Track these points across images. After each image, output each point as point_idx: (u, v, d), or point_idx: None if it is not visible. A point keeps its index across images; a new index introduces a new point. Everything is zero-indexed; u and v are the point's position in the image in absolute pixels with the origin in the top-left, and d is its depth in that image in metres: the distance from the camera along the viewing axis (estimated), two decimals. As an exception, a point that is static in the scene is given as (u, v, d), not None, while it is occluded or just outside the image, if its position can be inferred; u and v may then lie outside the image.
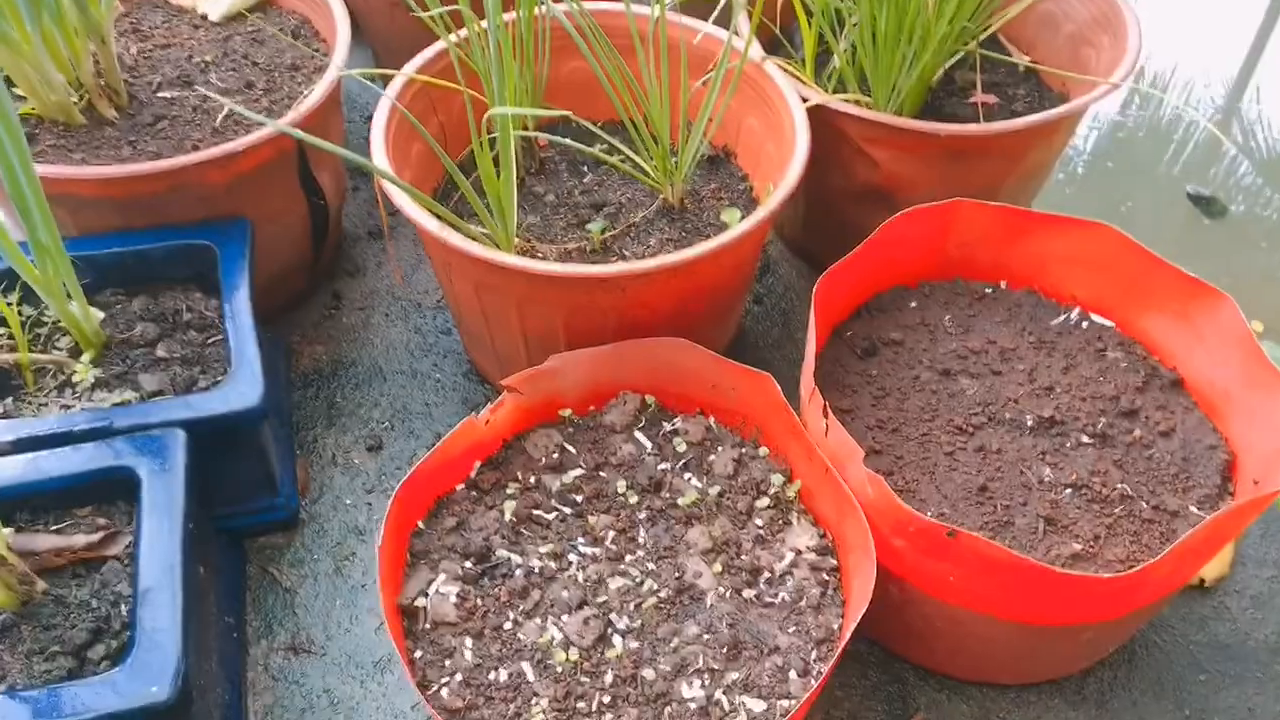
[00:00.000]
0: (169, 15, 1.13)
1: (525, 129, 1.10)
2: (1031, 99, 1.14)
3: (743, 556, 0.83)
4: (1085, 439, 0.88)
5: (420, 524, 0.84)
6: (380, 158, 0.93)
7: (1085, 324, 0.97)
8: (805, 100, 1.01)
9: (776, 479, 0.88)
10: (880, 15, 0.99)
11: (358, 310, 1.17)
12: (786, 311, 1.21)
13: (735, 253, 0.94)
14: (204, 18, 1.13)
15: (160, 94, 1.04)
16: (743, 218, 0.98)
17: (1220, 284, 0.91)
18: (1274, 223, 2.24)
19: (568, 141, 1.01)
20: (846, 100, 1.02)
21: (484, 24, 1.03)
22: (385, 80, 1.02)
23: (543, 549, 0.82)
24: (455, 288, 0.99)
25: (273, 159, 0.98)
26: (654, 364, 0.93)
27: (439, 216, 0.88)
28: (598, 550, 0.83)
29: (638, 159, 1.04)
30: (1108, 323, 0.97)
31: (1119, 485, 0.85)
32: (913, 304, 1.00)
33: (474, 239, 0.93)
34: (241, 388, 0.85)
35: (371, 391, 1.09)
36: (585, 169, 1.12)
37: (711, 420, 0.93)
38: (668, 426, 0.93)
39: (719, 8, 1.00)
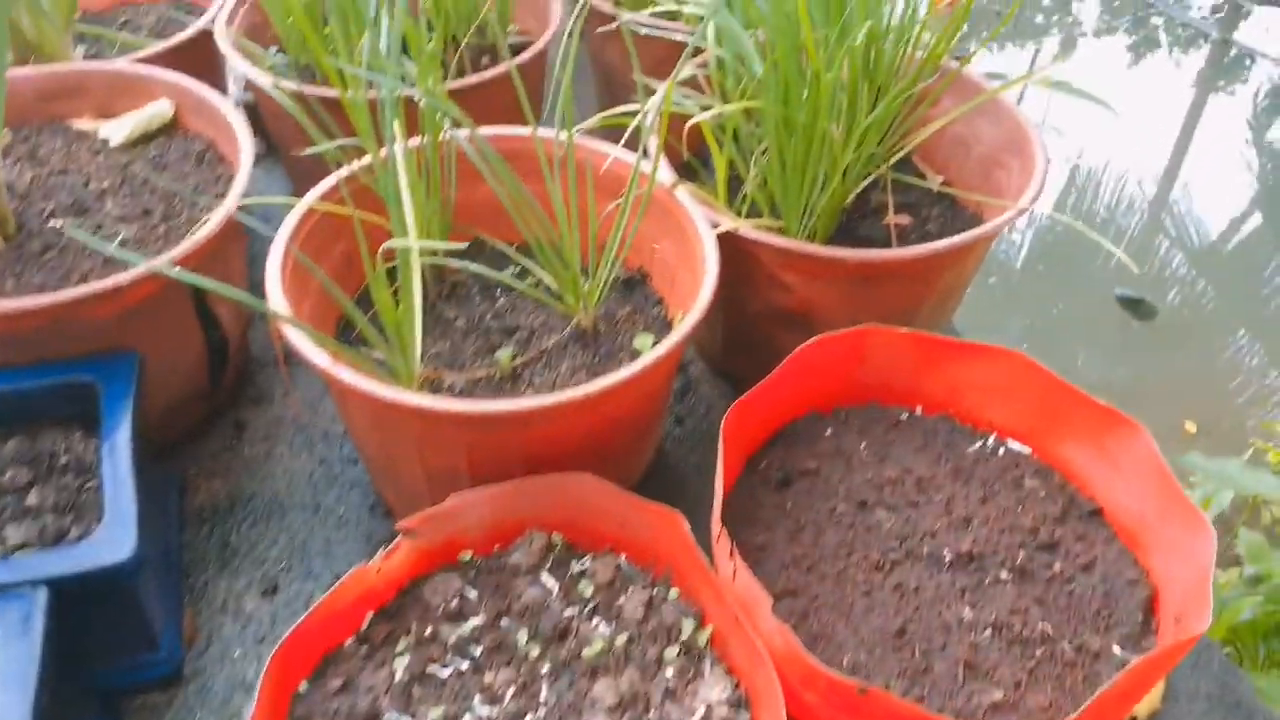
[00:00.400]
0: (68, 140, 1.10)
1: (435, 254, 1.07)
2: (944, 219, 1.14)
3: (651, 713, 0.78)
4: (1005, 574, 0.85)
5: (303, 685, 0.78)
6: (276, 297, 0.89)
7: (1002, 450, 0.96)
8: (715, 226, 1.00)
9: (688, 624, 0.83)
10: (787, 146, 0.99)
11: (261, 441, 1.12)
12: (708, 433, 1.18)
13: (646, 382, 0.91)
14: (105, 142, 1.10)
15: (51, 223, 1.00)
16: (655, 344, 0.96)
17: (1151, 387, 0.91)
18: (1203, 324, 2.26)
19: (474, 268, 0.99)
20: (757, 226, 1.01)
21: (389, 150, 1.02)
22: (291, 207, 1.00)
23: (435, 712, 0.77)
24: (354, 423, 0.95)
25: (163, 291, 0.94)
26: (561, 500, 0.89)
27: (333, 351, 0.85)
28: (495, 710, 0.78)
29: (551, 282, 1.02)
30: (1024, 449, 0.95)
31: (1040, 624, 0.82)
32: (828, 431, 0.98)
33: (371, 373, 0.89)
34: (112, 541, 0.80)
35: (270, 529, 1.04)
36: (498, 292, 1.09)
37: (622, 558, 0.89)
38: (576, 566, 0.88)
39: (628, 131, 1.00)
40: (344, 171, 0.99)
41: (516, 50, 1.32)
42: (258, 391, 1.17)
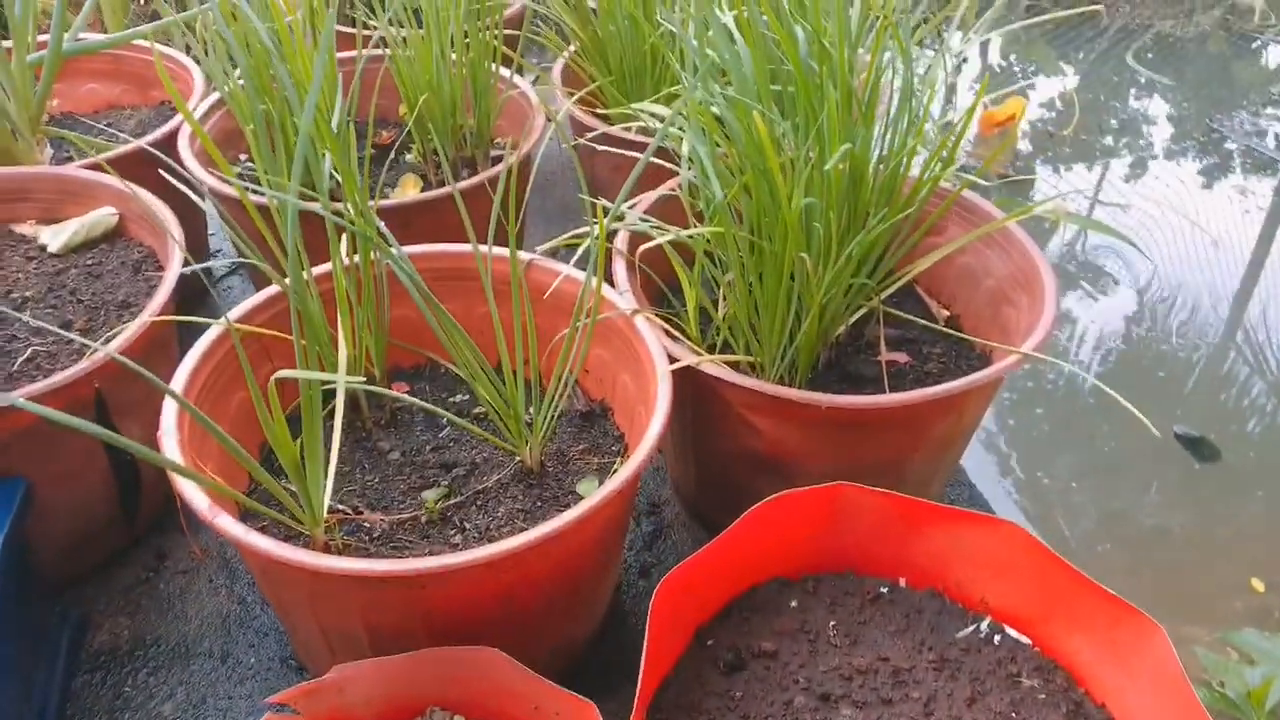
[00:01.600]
0: (4, 245, 1.05)
1: (370, 376, 0.98)
2: (947, 359, 1.01)
3: None
4: (989, 802, 0.70)
5: None
6: (172, 450, 0.79)
7: (998, 638, 0.81)
8: (674, 360, 0.89)
9: (596, 843, 0.69)
10: (757, 282, 0.89)
11: (180, 574, 1.02)
12: (676, 587, 1.04)
13: (576, 538, 0.79)
14: (43, 249, 1.05)
15: (-35, 332, 0.94)
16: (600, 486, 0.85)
17: (1214, 536, 0.76)
18: (1271, 468, 2.05)
19: (405, 398, 0.90)
20: (725, 362, 0.90)
21: (324, 268, 0.94)
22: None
23: None
24: (252, 573, 0.85)
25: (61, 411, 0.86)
26: (467, 676, 0.77)
27: (213, 492, 0.75)
28: None
29: (501, 413, 0.92)
30: (1024, 639, 0.80)
31: None
32: (793, 603, 0.84)
33: (268, 515, 0.79)
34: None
35: (169, 678, 0.93)
36: (444, 420, 0.99)
37: (537, 749, 0.76)
38: (481, 756, 0.76)
39: (578, 253, 0.90)
40: (267, 292, 0.91)
41: (499, 160, 1.26)
42: (190, 517, 1.08)
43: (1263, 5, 2.95)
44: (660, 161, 0.97)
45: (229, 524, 0.74)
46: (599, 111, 1.29)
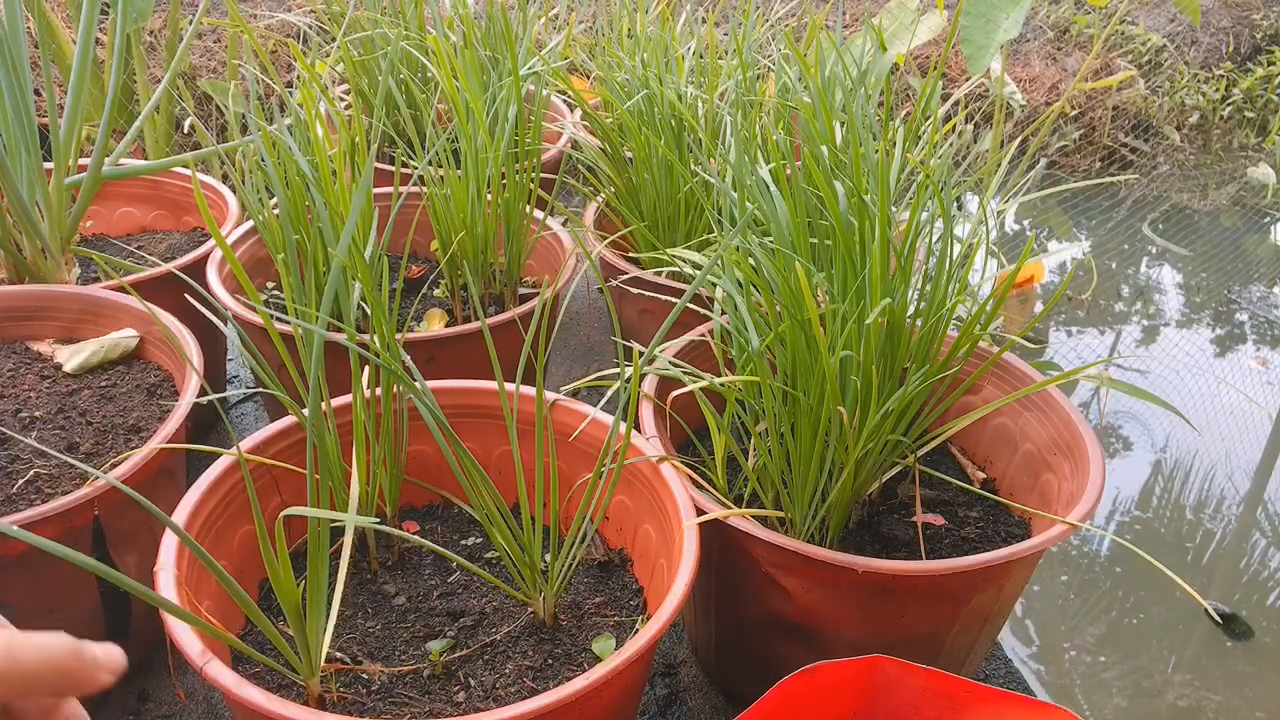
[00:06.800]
0: (20, 363, 1.03)
1: (381, 514, 0.94)
2: (985, 524, 0.97)
3: None
4: None
5: None
6: (168, 587, 0.75)
7: (1049, 841, 0.73)
8: (700, 512, 0.85)
9: None
10: (789, 434, 0.86)
11: (161, 719, 0.95)
12: (691, 760, 0.97)
13: (588, 705, 0.73)
14: (58, 368, 1.03)
15: (-33, 450, 0.91)
16: (618, 647, 0.79)
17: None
18: (1309, 645, 1.95)
19: (415, 539, 0.85)
20: (749, 516, 0.86)
21: (343, 399, 0.91)
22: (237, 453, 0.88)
23: None
24: (235, 721, 0.79)
25: (55, 539, 0.82)
26: None
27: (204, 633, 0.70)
28: None
29: (515, 559, 0.87)
30: (1079, 843, 0.73)
31: None
32: (824, 789, 0.77)
33: (262, 662, 0.74)
34: None
35: (135, 839, 0.85)
36: (453, 564, 0.94)
37: None
38: None
39: (607, 396, 0.87)
40: (279, 425, 0.88)
41: (526, 299, 1.25)
42: (178, 658, 1.02)
43: (1276, 182, 3.02)
44: (691, 306, 0.96)
45: (221, 672, 0.68)
46: (630, 255, 1.29)
